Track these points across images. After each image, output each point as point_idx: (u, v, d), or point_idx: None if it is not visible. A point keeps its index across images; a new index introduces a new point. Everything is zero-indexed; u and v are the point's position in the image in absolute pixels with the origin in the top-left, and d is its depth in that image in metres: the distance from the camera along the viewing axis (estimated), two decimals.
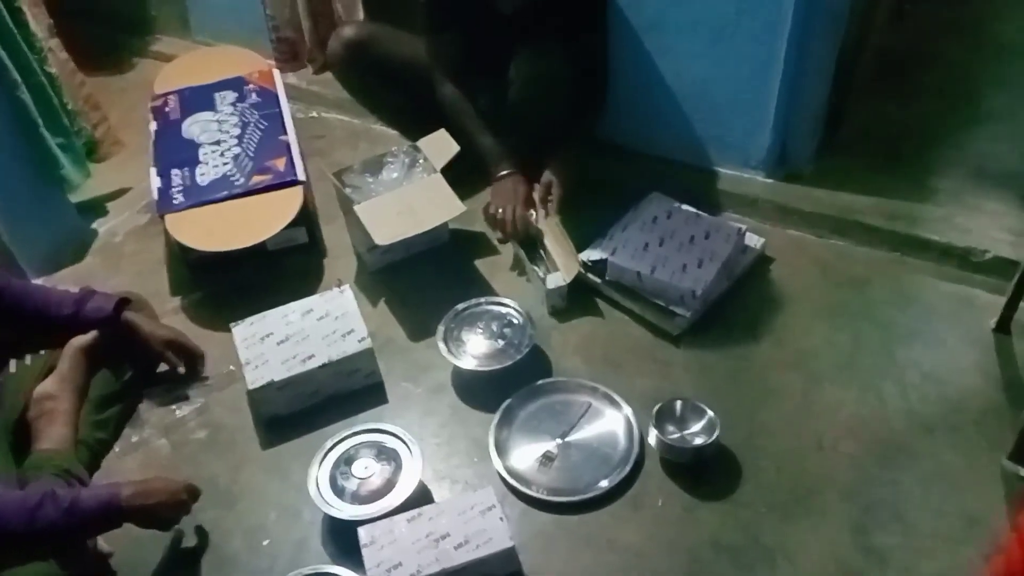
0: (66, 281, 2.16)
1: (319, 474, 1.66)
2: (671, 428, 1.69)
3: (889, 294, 1.98)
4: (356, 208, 2.02)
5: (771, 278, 2.04)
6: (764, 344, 1.89)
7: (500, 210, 2.06)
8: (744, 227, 2.03)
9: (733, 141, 2.21)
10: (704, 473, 1.66)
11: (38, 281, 2.16)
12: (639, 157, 2.32)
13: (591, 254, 1.99)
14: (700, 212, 2.07)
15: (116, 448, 1.81)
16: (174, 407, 1.88)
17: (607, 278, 1.98)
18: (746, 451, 1.69)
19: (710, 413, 1.68)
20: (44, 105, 2.18)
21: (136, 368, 1.89)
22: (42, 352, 1.83)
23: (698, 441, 1.66)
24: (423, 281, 2.14)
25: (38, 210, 2.23)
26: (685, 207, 2.08)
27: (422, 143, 2.16)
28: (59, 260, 2.27)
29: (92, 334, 1.79)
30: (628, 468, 1.66)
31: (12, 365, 1.80)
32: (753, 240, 2.05)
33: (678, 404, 1.70)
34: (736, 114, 2.15)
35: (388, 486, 1.65)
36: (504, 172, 2.10)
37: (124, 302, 1.83)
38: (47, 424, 1.69)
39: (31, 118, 2.14)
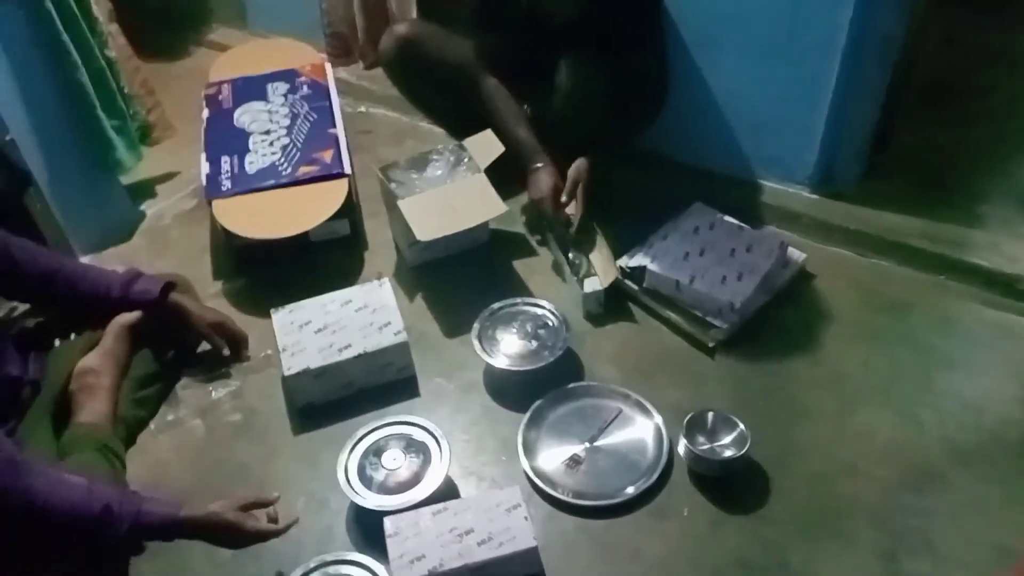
0: (113, 261, 2.21)
1: (348, 463, 1.68)
2: (701, 439, 1.68)
3: (930, 319, 1.95)
4: (400, 203, 2.04)
5: (811, 295, 2.02)
6: (800, 362, 1.87)
7: (538, 200, 2.08)
8: (786, 242, 2.01)
9: (779, 156, 2.20)
10: (732, 487, 1.64)
11: (86, 259, 2.22)
12: (683, 167, 2.32)
13: (630, 261, 1.99)
14: (742, 224, 2.06)
15: (151, 426, 1.85)
16: (210, 389, 1.91)
17: (645, 286, 1.97)
18: (776, 468, 1.68)
19: (741, 426, 1.67)
20: (102, 88, 2.23)
21: (177, 349, 1.92)
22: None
23: (728, 454, 1.65)
24: (461, 279, 2.15)
25: (90, 190, 2.29)
26: (727, 219, 2.07)
27: (468, 142, 2.19)
28: (108, 240, 2.32)
29: (137, 313, 1.82)
30: (655, 477, 1.65)
31: (58, 342, 1.85)
32: (794, 255, 2.03)
33: (710, 416, 1.70)
34: (784, 130, 2.15)
35: (415, 479, 1.66)
36: (539, 164, 2.11)
37: (170, 285, 1.87)
38: (87, 398, 1.72)
39: (89, 100, 2.19)
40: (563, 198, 2.08)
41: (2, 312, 1.84)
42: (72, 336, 1.85)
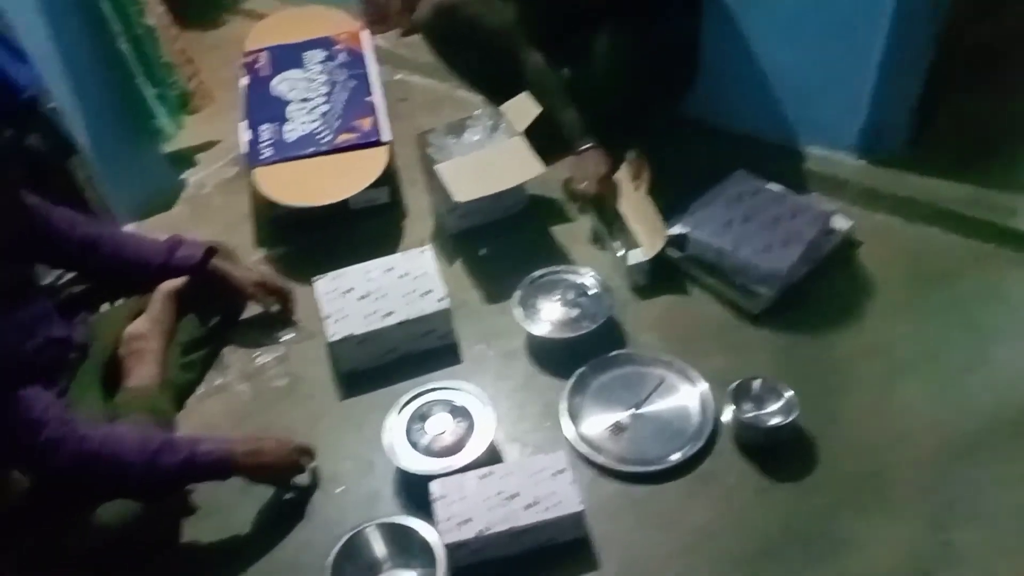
0: (155, 229, 2.24)
1: (394, 427, 1.69)
2: (747, 407, 1.67)
3: (980, 287, 1.90)
4: (437, 167, 2.04)
5: (857, 263, 1.98)
6: (846, 330, 1.85)
7: (581, 184, 2.05)
8: (832, 209, 1.98)
9: (825, 122, 2.15)
10: (778, 455, 1.63)
11: (129, 228, 2.24)
12: (725, 134, 2.28)
13: (672, 228, 1.97)
14: (787, 191, 2.03)
15: (199, 390, 1.88)
16: (256, 354, 1.94)
17: (687, 254, 1.95)
18: (823, 437, 1.66)
19: (789, 393, 1.65)
20: (142, 56, 2.24)
21: (222, 314, 1.95)
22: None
23: (774, 421, 1.64)
24: (500, 246, 2.15)
25: (132, 159, 2.31)
26: (771, 186, 2.04)
27: (505, 107, 2.17)
28: (150, 208, 2.36)
29: (181, 279, 1.84)
30: (700, 444, 1.65)
31: (104, 306, 1.88)
32: (840, 223, 2.00)
33: (756, 383, 1.68)
34: (830, 95, 2.10)
35: (460, 444, 1.67)
36: (586, 146, 2.08)
37: (212, 249, 1.89)
38: (136, 363, 1.75)
39: (129, 68, 2.20)
40: (623, 175, 2.04)
41: (49, 279, 1.86)
42: (118, 302, 1.87)
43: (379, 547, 1.53)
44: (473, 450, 1.65)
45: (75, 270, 1.86)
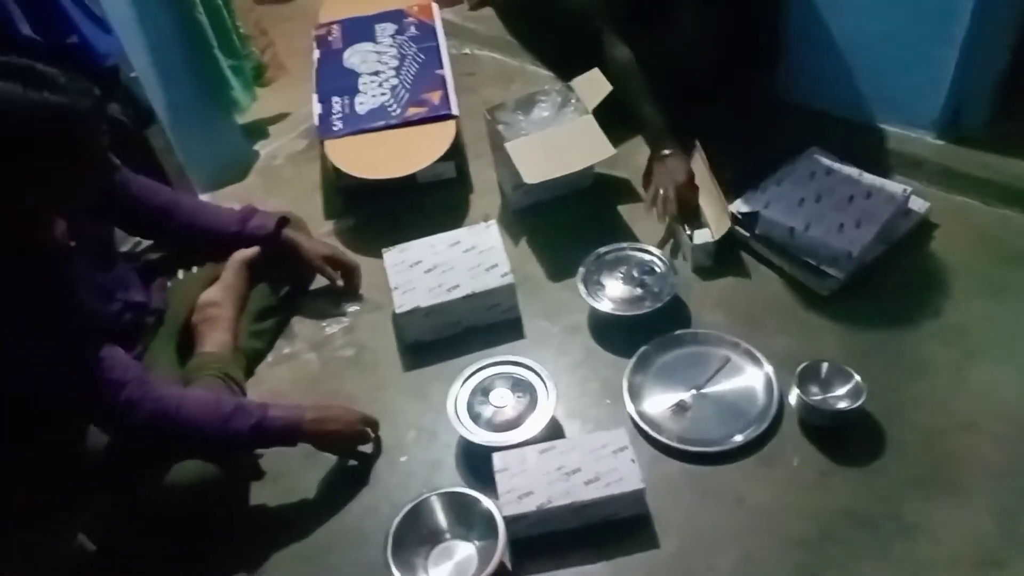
0: (228, 199, 2.29)
1: (457, 398, 1.71)
2: (814, 389, 1.64)
3: None
4: (507, 145, 2.03)
5: (932, 245, 1.93)
6: (919, 314, 1.80)
7: (661, 189, 1.97)
8: (908, 189, 1.93)
9: (903, 99, 2.09)
10: (844, 439, 1.61)
11: (204, 197, 2.30)
12: (798, 110, 2.23)
13: (741, 206, 1.94)
14: (861, 171, 1.98)
15: (269, 358, 1.93)
16: (324, 324, 1.98)
17: (756, 232, 1.92)
18: (891, 422, 1.63)
19: (857, 378, 1.62)
20: (218, 27, 2.27)
21: (293, 283, 1.99)
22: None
23: (842, 405, 1.61)
24: (564, 223, 2.14)
25: (208, 129, 2.36)
26: (845, 164, 1.99)
27: (575, 83, 2.15)
28: (223, 178, 2.40)
29: (254, 249, 1.89)
30: (765, 425, 1.63)
31: (179, 273, 1.94)
32: (916, 204, 1.94)
33: (824, 366, 1.66)
34: (909, 71, 2.03)
35: (521, 418, 1.68)
36: (668, 151, 1.99)
37: (284, 221, 1.93)
38: (209, 329, 1.81)
39: (207, 39, 2.24)
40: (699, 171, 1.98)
41: (127, 246, 1.93)
42: (193, 269, 1.93)
43: (441, 516, 1.55)
44: (534, 425, 1.66)
45: (152, 237, 1.92)
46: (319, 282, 2.02)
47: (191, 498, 1.53)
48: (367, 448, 1.72)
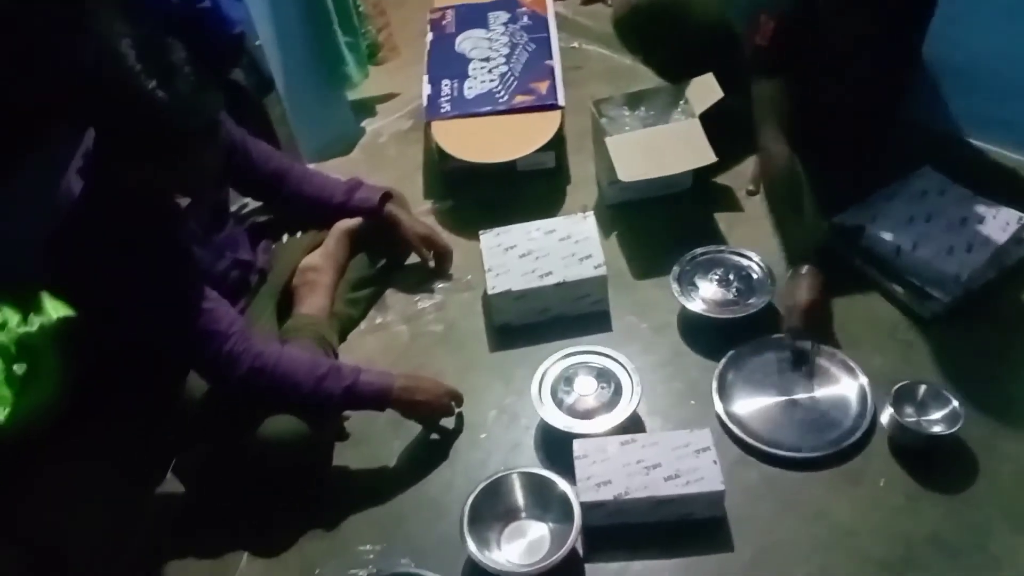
0: (333, 172, 2.33)
1: (542, 382, 1.73)
2: (909, 410, 1.60)
3: None
4: (607, 140, 2.03)
5: None
6: None
7: (791, 309, 1.75)
8: None
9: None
10: (934, 463, 1.57)
11: (312, 167, 2.37)
12: (913, 127, 2.15)
13: (847, 219, 1.90)
14: (975, 194, 1.91)
15: (362, 326, 1.98)
16: (416, 299, 2.02)
17: (860, 246, 1.88)
18: (985, 450, 1.58)
19: (955, 403, 1.57)
20: (339, 4, 2.33)
21: (390, 257, 2.04)
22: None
23: (936, 429, 1.57)
24: (658, 222, 2.13)
25: (320, 102, 2.43)
26: (959, 186, 1.93)
27: (688, 84, 2.13)
28: (331, 151, 2.47)
29: (357, 220, 1.95)
30: (854, 439, 1.60)
31: (284, 237, 2.00)
32: None
33: (922, 388, 1.61)
34: None
35: (603, 408, 1.69)
36: (803, 270, 1.77)
37: (388, 196, 1.97)
38: (308, 292, 1.87)
39: (327, 14, 2.30)
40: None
41: (236, 207, 2.00)
42: (298, 234, 2.00)
43: (518, 495, 1.57)
44: (616, 416, 1.66)
45: (263, 200, 1.98)
46: (414, 258, 2.06)
47: (279, 451, 1.58)
48: (449, 423, 1.75)
